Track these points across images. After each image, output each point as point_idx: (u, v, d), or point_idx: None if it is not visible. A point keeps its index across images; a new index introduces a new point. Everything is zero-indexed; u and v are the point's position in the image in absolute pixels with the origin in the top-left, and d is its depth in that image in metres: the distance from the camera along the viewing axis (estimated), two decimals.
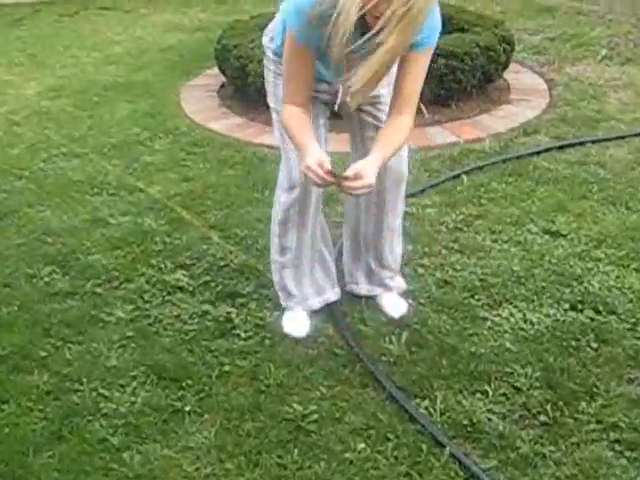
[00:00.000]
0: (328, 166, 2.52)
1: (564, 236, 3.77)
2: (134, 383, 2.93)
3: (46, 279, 3.58)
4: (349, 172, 2.53)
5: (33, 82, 6.11)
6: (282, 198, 3.07)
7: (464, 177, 4.31)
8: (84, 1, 8.36)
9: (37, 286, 3.53)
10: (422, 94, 4.74)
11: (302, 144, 2.66)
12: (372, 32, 2.38)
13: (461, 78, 4.97)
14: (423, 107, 4.88)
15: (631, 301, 3.28)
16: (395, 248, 3.30)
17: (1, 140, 5.09)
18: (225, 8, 7.77)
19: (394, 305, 3.29)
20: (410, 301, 3.31)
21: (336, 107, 2.91)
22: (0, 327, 3.26)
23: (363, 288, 3.37)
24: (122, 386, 2.92)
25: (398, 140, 2.75)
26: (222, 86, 5.67)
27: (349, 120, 3.08)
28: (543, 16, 7.10)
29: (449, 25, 5.39)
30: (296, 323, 3.21)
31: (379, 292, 3.33)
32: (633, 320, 3.17)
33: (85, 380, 2.94)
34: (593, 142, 4.69)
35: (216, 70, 5.64)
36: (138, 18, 7.70)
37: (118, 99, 5.64)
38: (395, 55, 2.52)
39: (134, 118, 5.29)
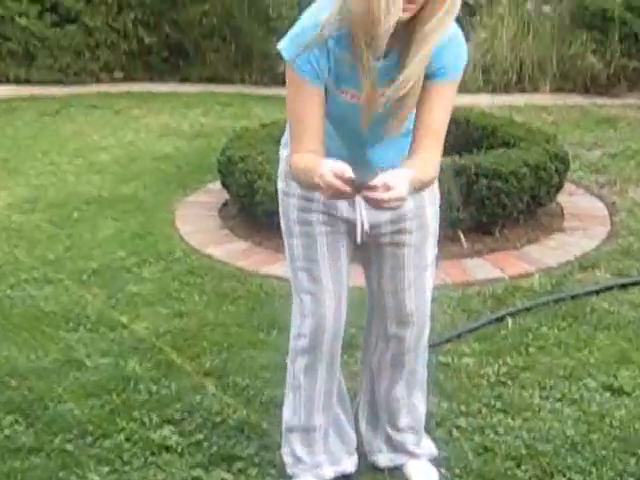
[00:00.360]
0: (350, 174, 2.40)
1: (628, 394, 3.70)
2: None
3: (7, 431, 3.53)
4: (376, 181, 2.42)
5: (3, 192, 6.18)
6: (291, 345, 3.09)
7: (509, 320, 4.28)
8: (68, 98, 8.54)
9: None
10: (461, 221, 4.86)
11: (314, 164, 2.53)
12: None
13: (506, 202, 4.98)
14: (462, 235, 4.93)
15: None
16: (417, 407, 3.25)
17: None
18: (231, 111, 7.91)
19: (422, 475, 3.23)
20: (443, 470, 3.24)
21: (358, 238, 2.93)
22: None
23: (384, 458, 3.30)
24: None
25: (428, 173, 2.70)
26: (225, 204, 5.70)
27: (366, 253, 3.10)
28: (603, 128, 7.19)
29: (493, 139, 5.52)
30: None
31: (404, 460, 3.27)
32: None
33: None
34: None
35: (218, 185, 5.70)
36: (130, 120, 7.83)
37: (102, 215, 5.68)
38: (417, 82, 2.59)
39: (120, 239, 5.31)
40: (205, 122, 7.64)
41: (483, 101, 7.66)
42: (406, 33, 2.54)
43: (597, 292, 4.55)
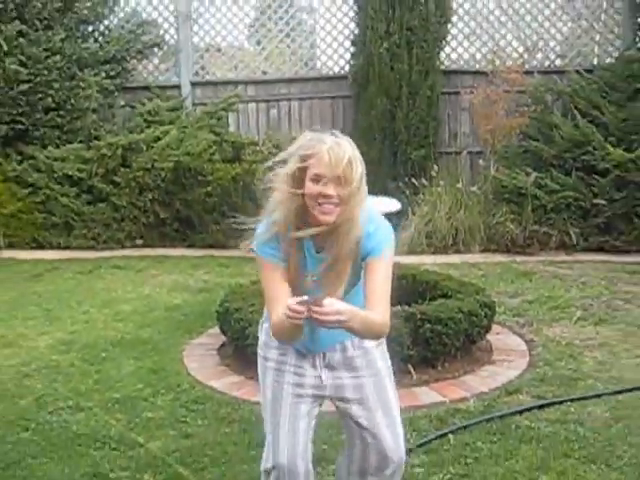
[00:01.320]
0: (298, 299, 2.56)
1: None
2: None
3: None
4: (325, 300, 2.54)
5: (46, 336, 6.14)
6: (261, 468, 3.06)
7: (450, 436, 4.25)
8: (99, 260, 8.58)
9: None
10: (410, 357, 4.87)
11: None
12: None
13: (446, 341, 4.99)
14: (411, 369, 4.92)
15: None
16: None
17: (10, 391, 5.04)
18: (228, 271, 7.93)
19: None
20: None
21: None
22: None
23: None
24: None
25: (375, 320, 2.75)
26: (222, 345, 5.67)
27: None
28: (521, 280, 7.29)
29: (434, 291, 5.57)
30: None
31: None
32: None
33: None
34: (572, 401, 4.67)
35: (217, 330, 5.67)
36: (148, 278, 7.86)
37: (124, 355, 5.64)
38: (345, 261, 2.75)
39: (139, 374, 5.27)
40: (207, 279, 7.68)
41: (426, 260, 7.77)
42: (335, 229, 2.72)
43: (520, 412, 4.53)
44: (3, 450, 4.25)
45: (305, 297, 2.57)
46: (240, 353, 5.32)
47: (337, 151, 2.65)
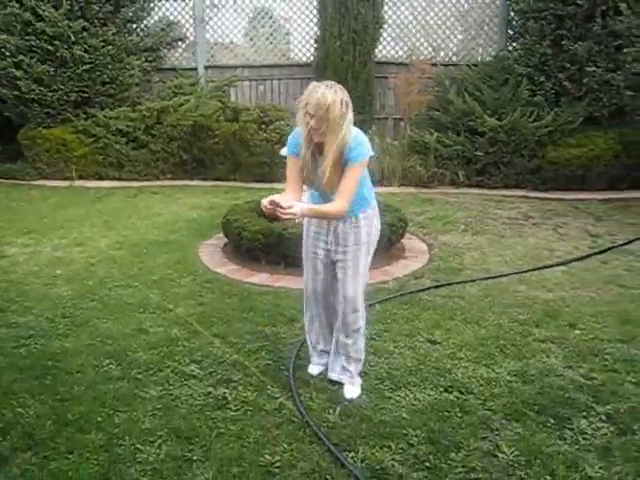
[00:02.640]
0: (269, 199, 2.68)
1: (439, 343, 3.75)
2: (159, 440, 2.82)
3: (105, 368, 3.46)
4: (284, 204, 2.67)
5: (105, 238, 6.06)
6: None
7: (377, 305, 4.30)
8: (141, 188, 8.43)
9: (99, 372, 3.42)
10: None
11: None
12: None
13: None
14: None
15: (482, 385, 3.27)
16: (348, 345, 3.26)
17: (81, 275, 5.00)
18: (229, 196, 7.83)
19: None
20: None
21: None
22: (71, 400, 3.13)
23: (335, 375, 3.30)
24: (151, 442, 2.81)
25: (329, 209, 2.89)
26: (225, 245, 5.63)
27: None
28: (425, 205, 7.29)
29: None
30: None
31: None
32: (483, 398, 3.16)
33: (127, 438, 2.84)
34: (457, 284, 4.74)
35: (221, 235, 5.63)
36: (174, 200, 7.73)
37: (159, 251, 5.59)
38: (334, 163, 2.82)
39: (168, 263, 5.23)
40: (214, 201, 7.57)
41: None
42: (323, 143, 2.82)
43: (423, 290, 4.59)
44: (77, 314, 4.23)
45: (275, 197, 2.69)
46: (237, 250, 5.31)
47: (320, 98, 2.71)
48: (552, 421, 2.96)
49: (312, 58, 9.73)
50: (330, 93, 2.72)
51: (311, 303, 3.28)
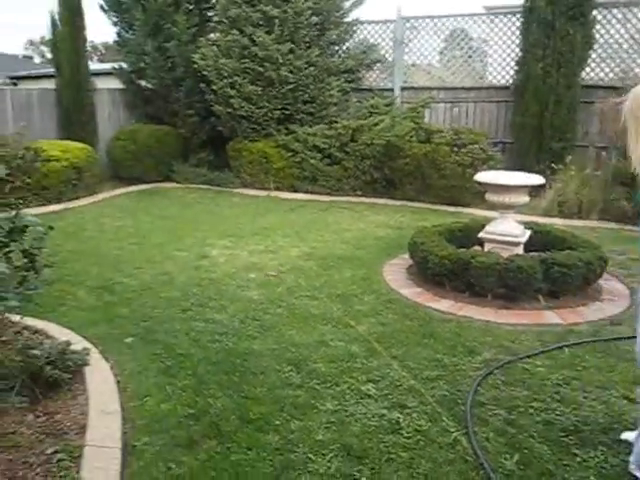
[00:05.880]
0: None
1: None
2: (331, 454, 2.84)
3: (286, 374, 3.57)
4: None
5: (296, 248, 6.32)
6: None
7: (566, 349, 3.98)
8: (331, 203, 8.71)
9: (280, 377, 3.53)
10: (541, 289, 4.56)
11: None
12: None
13: (569, 281, 4.67)
14: (541, 298, 4.64)
15: None
16: None
17: (272, 282, 5.23)
18: (416, 216, 7.79)
19: None
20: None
21: None
22: (254, 399, 3.27)
23: None
24: (323, 454, 2.83)
25: None
26: (410, 266, 5.58)
27: None
28: (627, 243, 6.62)
29: (563, 244, 5.18)
30: None
31: None
32: None
33: (301, 445, 2.89)
34: None
35: (407, 255, 5.59)
36: (362, 217, 7.86)
37: (345, 266, 5.69)
38: None
39: (353, 279, 5.30)
40: (402, 221, 7.58)
41: (558, 222, 7.25)
42: None
43: (620, 339, 4.13)
44: (266, 318, 4.44)
45: None
46: (421, 272, 5.24)
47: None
48: None
49: (510, 80, 9.41)
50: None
51: None
